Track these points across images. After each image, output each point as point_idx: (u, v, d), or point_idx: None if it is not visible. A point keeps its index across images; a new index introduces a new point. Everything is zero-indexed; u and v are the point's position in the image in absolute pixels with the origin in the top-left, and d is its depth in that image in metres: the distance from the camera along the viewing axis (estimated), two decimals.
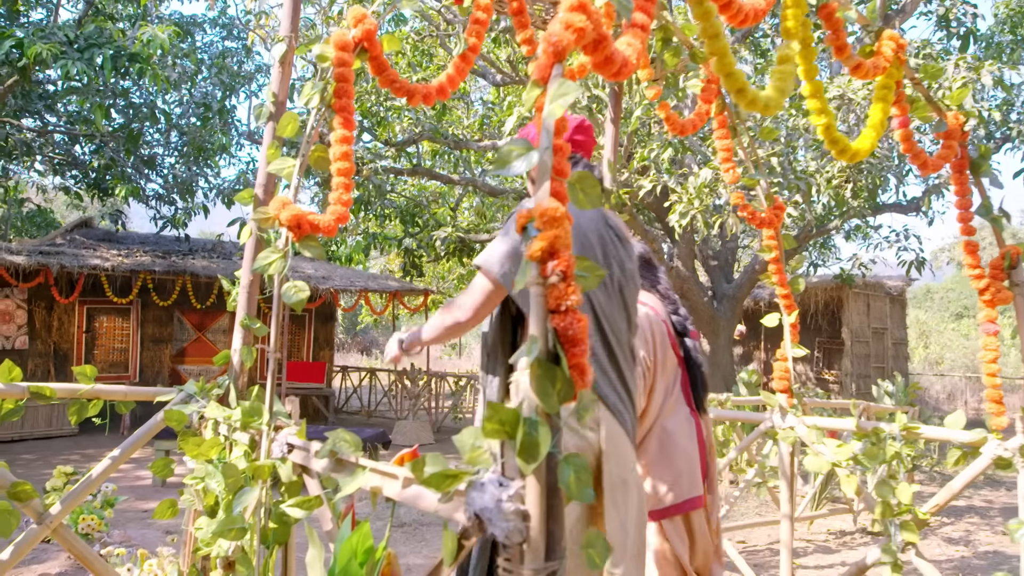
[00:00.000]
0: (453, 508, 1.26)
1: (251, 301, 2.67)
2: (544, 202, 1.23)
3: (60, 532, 2.35)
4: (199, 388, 2.56)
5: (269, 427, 1.87)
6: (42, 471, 7.59)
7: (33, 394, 2.32)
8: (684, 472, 2.41)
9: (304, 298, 1.87)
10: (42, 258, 9.76)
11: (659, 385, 2.47)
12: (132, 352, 11.35)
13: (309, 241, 1.95)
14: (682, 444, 2.44)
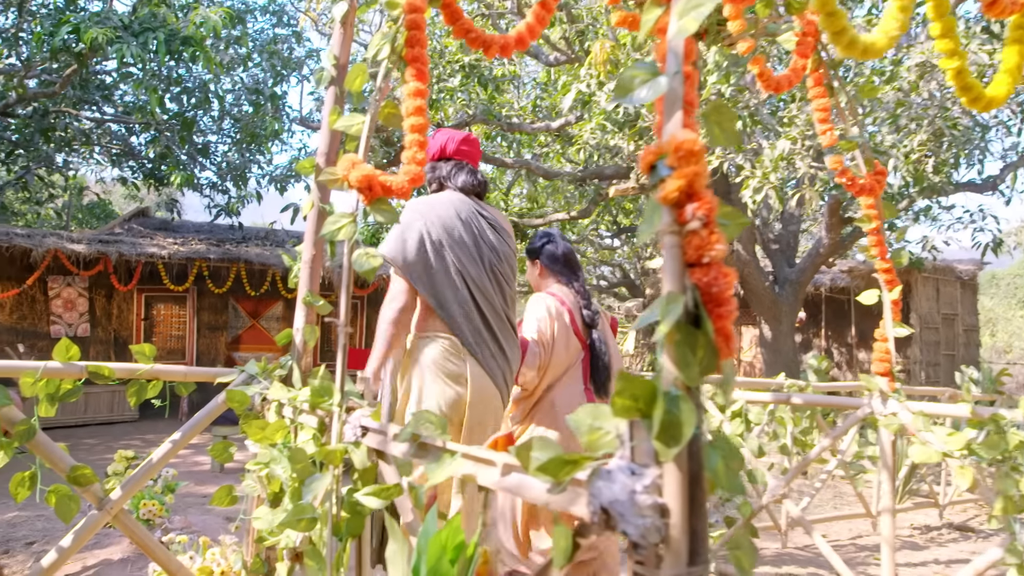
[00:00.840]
0: (568, 500, 1.07)
1: (314, 277, 2.52)
2: (678, 134, 1.02)
3: (121, 518, 2.23)
4: (261, 369, 2.42)
5: (340, 408, 1.70)
6: (104, 455, 7.67)
7: (91, 374, 2.20)
8: (566, 435, 2.82)
9: (376, 266, 1.69)
10: (101, 246, 9.89)
11: (555, 363, 2.90)
12: (189, 339, 11.47)
13: (381, 204, 1.77)
14: (568, 412, 2.71)
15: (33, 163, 11.56)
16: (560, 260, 3.07)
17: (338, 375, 1.73)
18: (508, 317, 2.63)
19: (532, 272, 3.15)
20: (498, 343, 2.55)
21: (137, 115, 9.75)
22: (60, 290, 10.52)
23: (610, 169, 9.32)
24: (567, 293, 3.03)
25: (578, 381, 2.94)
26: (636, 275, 20.29)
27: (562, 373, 2.92)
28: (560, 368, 2.92)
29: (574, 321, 2.95)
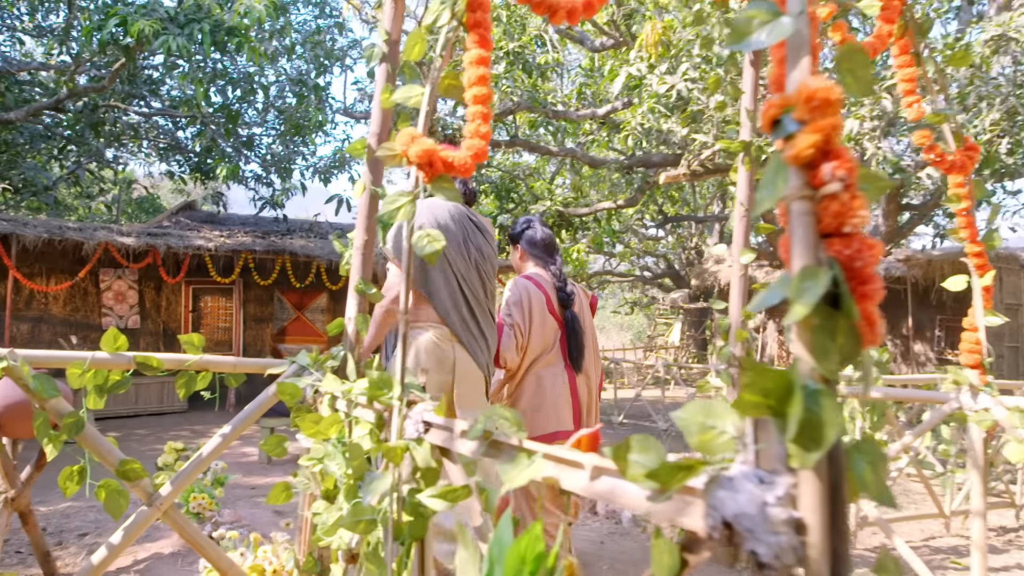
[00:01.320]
0: (675, 510, 0.92)
1: (366, 263, 2.41)
2: (809, 81, 0.86)
3: (171, 514, 2.15)
4: (313, 360, 2.31)
5: (401, 402, 1.58)
6: (154, 446, 7.74)
7: (139, 364, 2.12)
8: (551, 410, 3.05)
9: (439, 249, 1.57)
10: (150, 239, 9.99)
11: (534, 343, 3.11)
12: (235, 331, 11.56)
13: (442, 182, 1.64)
14: (552, 389, 3.09)
15: (84, 158, 11.75)
16: (539, 244, 3.30)
17: (398, 366, 1.61)
18: (489, 308, 2.99)
19: (514, 256, 3.39)
20: (480, 330, 2.91)
21: (183, 108, 9.81)
22: (111, 282, 10.68)
23: (657, 156, 9.10)
24: (544, 275, 3.23)
25: (559, 359, 3.18)
26: (681, 265, 19.95)
27: (542, 352, 3.15)
28: (539, 347, 3.14)
29: (550, 302, 3.16)
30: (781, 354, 16.62)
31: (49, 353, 2.07)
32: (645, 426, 9.96)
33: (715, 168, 7.04)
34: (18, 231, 9.05)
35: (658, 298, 21.62)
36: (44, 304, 10.24)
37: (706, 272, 17.42)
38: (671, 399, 11.00)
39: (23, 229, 9.12)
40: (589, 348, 3.28)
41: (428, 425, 1.56)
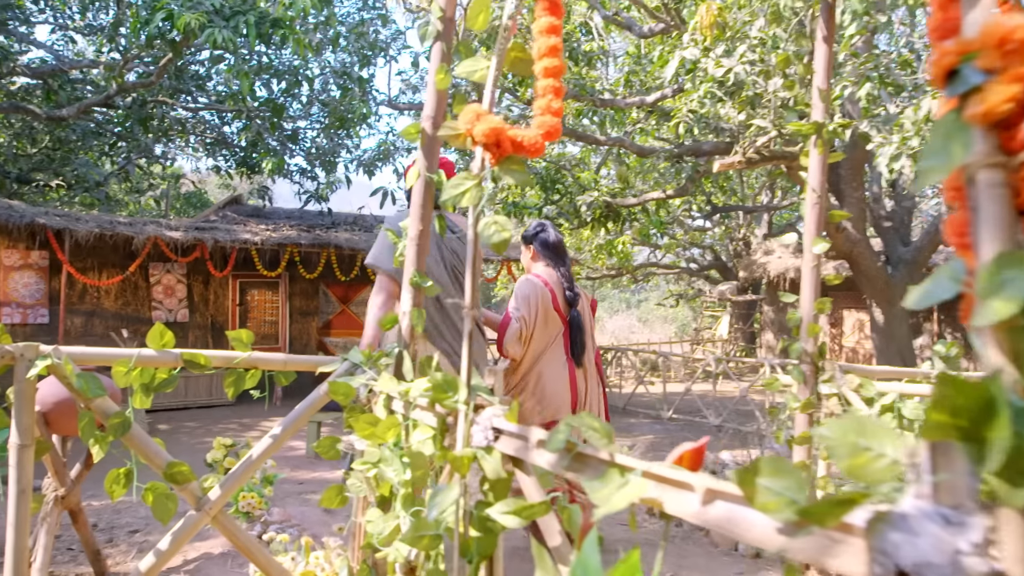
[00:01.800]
0: (819, 549, 0.76)
1: (421, 255, 2.28)
2: (1000, 20, 0.69)
3: (220, 520, 2.05)
4: (366, 356, 2.19)
5: (468, 406, 1.43)
6: (203, 439, 7.78)
7: (187, 362, 2.02)
8: (551, 401, 3.27)
9: (507, 239, 1.42)
10: (198, 233, 10.06)
11: (538, 337, 3.35)
12: (282, 324, 11.61)
13: (511, 164, 1.49)
14: (553, 381, 3.32)
15: (134, 153, 11.91)
16: (551, 247, 3.56)
17: (464, 367, 1.46)
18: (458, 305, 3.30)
19: (525, 255, 3.64)
20: (455, 328, 3.21)
21: (229, 103, 9.85)
22: (160, 276, 10.80)
23: (708, 145, 8.82)
24: (551, 274, 3.50)
25: (561, 353, 3.41)
26: (728, 257, 19.54)
27: (545, 347, 3.39)
28: (542, 342, 3.38)
29: (555, 299, 3.42)
30: (833, 348, 16.14)
31: (94, 351, 1.98)
32: (696, 422, 9.72)
33: (771, 155, 6.77)
34: (71, 226, 9.17)
35: (704, 290, 21.22)
36: (96, 298, 10.40)
37: (755, 264, 17.01)
38: (722, 393, 10.73)
39: (75, 224, 9.25)
40: (589, 345, 3.52)
41: (498, 432, 1.41)
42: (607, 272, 17.25)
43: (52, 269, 9.82)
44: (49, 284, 9.86)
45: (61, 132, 12.32)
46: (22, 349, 1.84)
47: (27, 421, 1.86)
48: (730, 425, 9.31)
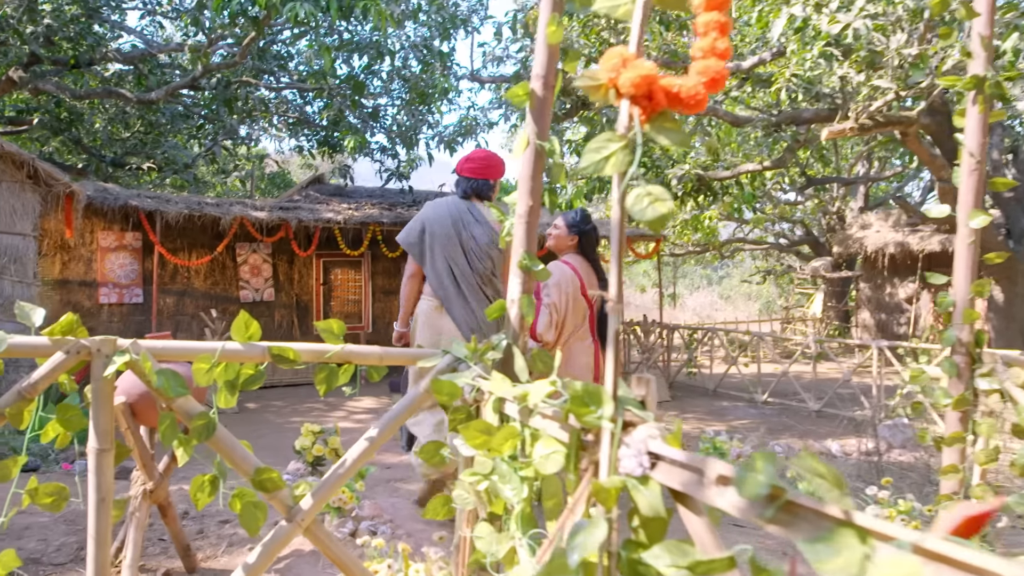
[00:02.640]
0: None
1: (531, 234, 2.01)
2: None
3: (314, 531, 1.85)
4: (471, 351, 1.94)
5: (616, 424, 1.16)
6: (290, 418, 7.80)
7: (275, 357, 1.81)
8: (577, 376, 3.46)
9: (666, 214, 1.12)
10: (282, 213, 10.10)
11: (568, 321, 3.67)
12: (364, 303, 11.62)
13: (665, 121, 1.19)
14: (578, 358, 3.70)
15: (220, 135, 12.07)
16: (593, 243, 3.93)
17: (609, 373, 1.18)
18: (480, 285, 3.69)
19: (564, 238, 3.89)
20: (467, 302, 3.64)
21: (311, 81, 9.79)
22: (247, 256, 10.93)
23: (809, 112, 8.23)
24: (580, 262, 3.85)
25: (588, 335, 3.77)
26: (821, 231, 18.60)
27: (574, 329, 3.71)
28: (572, 325, 3.70)
29: (583, 285, 3.76)
30: (936, 327, 15.16)
31: (175, 345, 1.79)
32: (792, 406, 9.21)
33: (886, 121, 6.20)
34: (162, 208, 9.32)
35: (795, 266, 20.31)
36: (187, 278, 10.60)
37: (850, 238, 16.09)
38: (822, 376, 10.14)
39: (166, 206, 9.39)
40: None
41: (656, 458, 1.13)
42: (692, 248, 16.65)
43: (145, 250, 10.04)
44: (142, 265, 10.09)
45: (151, 116, 12.60)
46: (99, 344, 1.66)
47: (105, 423, 1.68)
48: (831, 411, 8.77)
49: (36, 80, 9.45)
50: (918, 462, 5.68)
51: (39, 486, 1.67)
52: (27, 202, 6.53)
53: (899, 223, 15.75)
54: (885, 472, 5.48)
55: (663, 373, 10.40)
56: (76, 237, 9.51)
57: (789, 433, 7.70)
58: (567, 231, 3.91)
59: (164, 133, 12.96)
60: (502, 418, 1.75)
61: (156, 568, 2.88)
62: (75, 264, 9.68)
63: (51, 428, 1.71)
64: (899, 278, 16.03)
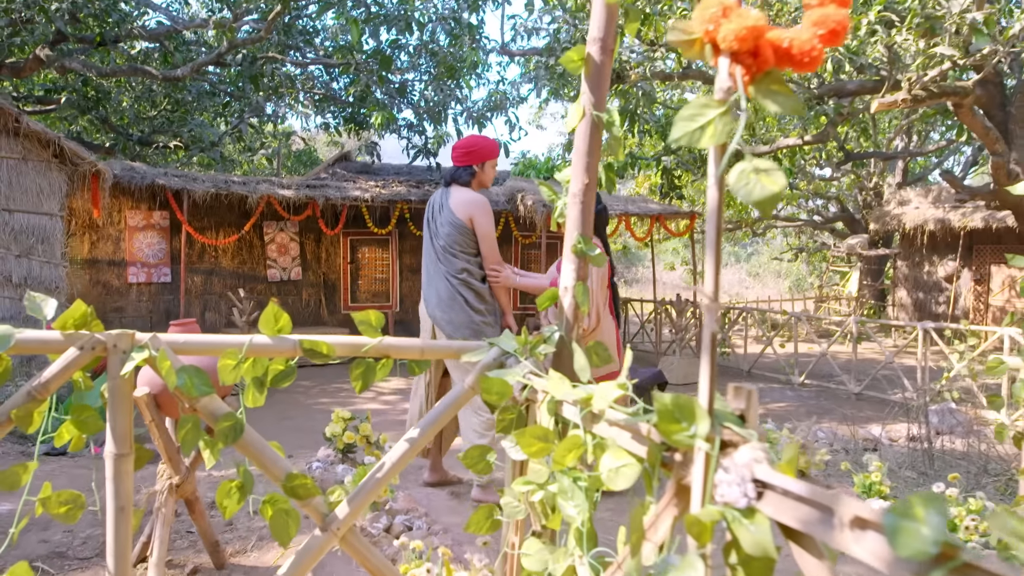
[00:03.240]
0: None
1: (586, 215, 1.83)
2: None
3: (350, 541, 1.70)
4: (521, 344, 1.76)
5: (713, 445, 0.97)
6: (319, 399, 7.73)
7: (307, 352, 1.65)
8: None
9: (778, 192, 0.93)
10: (309, 191, 9.97)
11: (600, 302, 3.85)
12: (392, 282, 11.50)
13: (772, 82, 0.99)
14: (608, 336, 3.89)
15: (246, 112, 11.95)
16: (604, 223, 3.99)
17: (704, 383, 1.00)
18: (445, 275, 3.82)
19: None
20: (431, 287, 3.86)
21: (337, 56, 9.60)
22: (274, 235, 10.84)
23: (853, 84, 7.88)
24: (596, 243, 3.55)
25: (608, 314, 3.89)
26: (856, 208, 18.11)
27: (603, 307, 3.88)
28: (603, 305, 3.88)
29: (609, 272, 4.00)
30: (978, 307, 14.72)
31: (197, 339, 1.63)
32: (831, 388, 8.95)
33: (941, 92, 5.87)
34: (188, 186, 9.24)
35: (828, 244, 19.84)
36: (215, 257, 10.54)
37: (888, 215, 15.63)
38: (861, 357, 9.84)
39: (192, 184, 9.31)
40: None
41: (763, 487, 0.95)
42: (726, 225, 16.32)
43: (172, 229, 9.98)
44: (170, 244, 10.04)
45: (178, 94, 12.51)
46: (115, 338, 1.51)
47: (123, 425, 1.54)
48: (871, 393, 8.50)
49: (62, 58, 9.37)
50: (971, 450, 5.42)
51: (52, 495, 1.53)
52: (53, 181, 6.45)
53: (939, 199, 15.25)
54: (936, 461, 5.25)
55: (695, 353, 10.17)
56: (104, 216, 9.47)
57: (830, 417, 7.47)
58: None
59: (190, 111, 12.87)
60: (558, 420, 1.58)
61: (184, 564, 2.76)
62: (103, 243, 9.65)
63: (65, 430, 1.57)
64: (938, 256, 15.57)
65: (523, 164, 12.95)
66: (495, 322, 3.84)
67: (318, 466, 3.96)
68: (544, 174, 12.51)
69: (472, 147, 3.84)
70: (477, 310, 3.79)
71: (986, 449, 5.36)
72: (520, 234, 11.32)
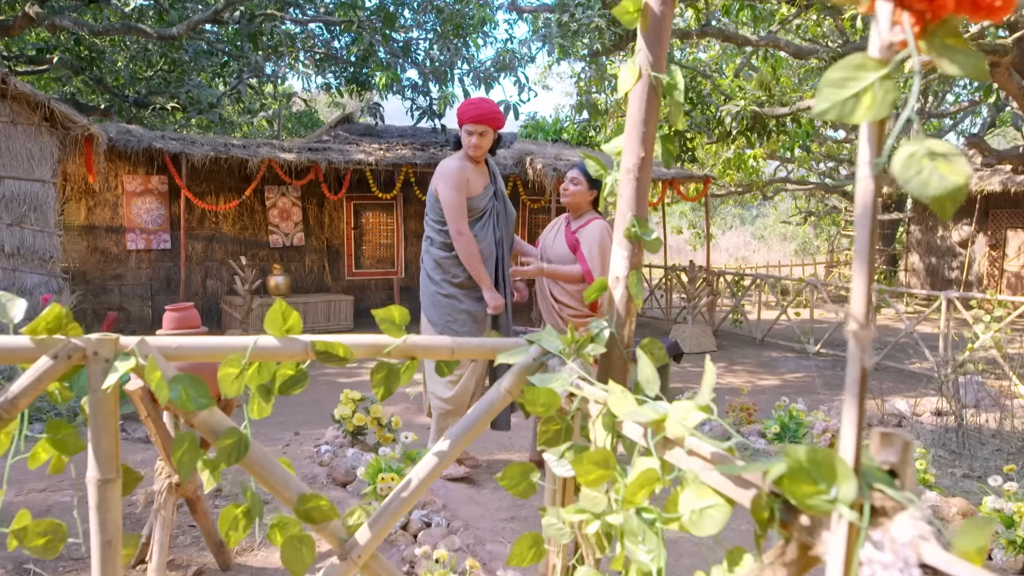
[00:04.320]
0: None
1: (641, 193, 1.58)
2: None
3: (372, 568, 1.49)
4: (567, 343, 1.54)
5: (862, 514, 0.75)
6: (323, 370, 7.53)
7: (320, 355, 1.43)
8: None
9: (963, 184, 0.69)
10: (311, 155, 9.67)
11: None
12: (397, 248, 11.25)
13: (947, 35, 0.74)
14: None
15: (245, 72, 11.57)
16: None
17: (847, 436, 0.76)
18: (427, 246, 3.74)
19: (584, 194, 3.72)
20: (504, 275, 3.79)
21: (339, 12, 9.22)
22: (276, 199, 10.56)
23: None
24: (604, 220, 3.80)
25: None
26: None
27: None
28: None
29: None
30: (992, 273, 14.46)
31: (192, 343, 1.40)
32: (847, 357, 8.74)
33: (980, 50, 5.54)
34: (187, 150, 8.94)
35: (839, 207, 19.52)
36: (215, 223, 10.28)
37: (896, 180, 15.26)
38: (878, 324, 9.63)
39: (191, 148, 9.01)
40: None
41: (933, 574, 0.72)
42: (735, 188, 15.97)
43: (171, 194, 9.71)
44: (169, 209, 9.77)
45: (174, 53, 12.11)
46: (95, 344, 1.28)
47: (108, 446, 1.31)
48: (889, 364, 8.30)
49: (53, 16, 9.00)
50: (1001, 428, 5.22)
51: (30, 524, 1.31)
52: (44, 146, 6.17)
53: None
54: (967, 439, 5.06)
55: (708, 321, 9.96)
56: (100, 181, 9.19)
57: None
58: (588, 185, 3.72)
59: (188, 71, 12.48)
60: (614, 434, 1.36)
61: (187, 564, 2.57)
62: (101, 209, 9.38)
63: (40, 450, 1.34)
64: (953, 220, 15.25)
65: (530, 126, 12.59)
66: (466, 296, 3.57)
67: (327, 450, 3.76)
68: (552, 136, 12.15)
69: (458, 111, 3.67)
70: (433, 280, 3.62)
71: (1020, 427, 5.17)
72: (528, 199, 11.03)
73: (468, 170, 3.59)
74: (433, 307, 3.59)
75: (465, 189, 3.55)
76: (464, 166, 3.59)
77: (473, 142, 3.55)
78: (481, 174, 3.67)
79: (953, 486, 3.85)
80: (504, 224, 3.76)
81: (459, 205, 3.51)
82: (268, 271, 10.16)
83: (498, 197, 3.76)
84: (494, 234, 3.69)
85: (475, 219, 3.61)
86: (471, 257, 3.51)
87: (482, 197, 3.64)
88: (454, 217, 3.50)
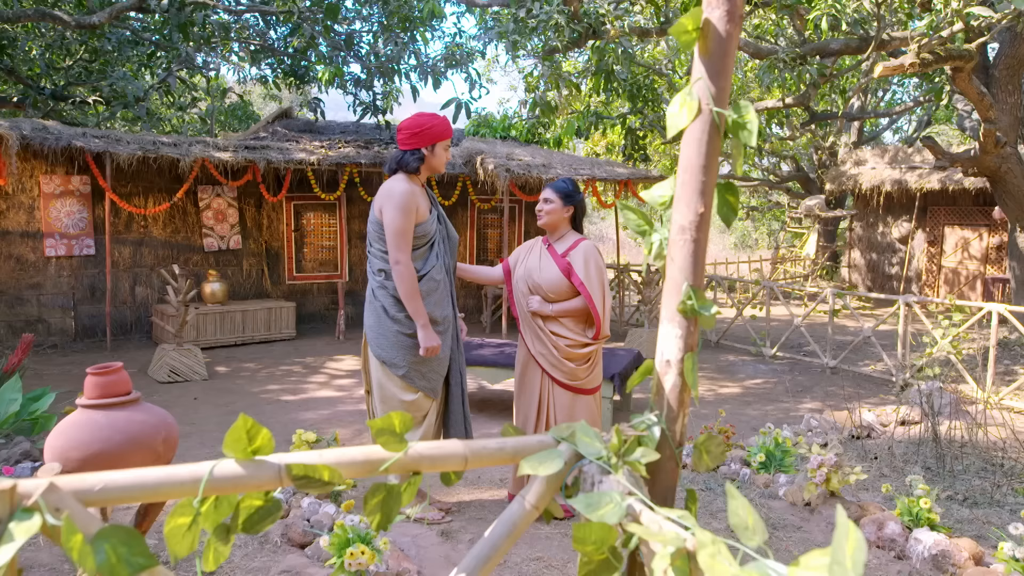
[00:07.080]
0: None
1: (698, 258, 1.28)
2: None
3: None
4: (612, 451, 1.22)
5: None
6: (266, 385, 7.05)
7: (299, 482, 1.07)
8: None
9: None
10: (248, 153, 9.10)
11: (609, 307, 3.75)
12: (340, 250, 10.75)
13: None
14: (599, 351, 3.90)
15: (174, 64, 10.87)
16: (583, 208, 3.66)
17: None
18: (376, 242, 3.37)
19: (560, 212, 3.55)
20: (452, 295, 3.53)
21: (277, 2, 8.67)
22: (210, 201, 9.94)
23: (837, 43, 7.45)
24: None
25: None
26: (811, 167, 17.96)
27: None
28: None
29: None
30: (931, 269, 14.77)
31: (117, 478, 1.02)
32: (805, 361, 8.69)
33: (948, 55, 5.45)
34: (111, 148, 8.28)
35: (782, 203, 19.75)
36: (144, 226, 9.60)
37: (844, 175, 15.48)
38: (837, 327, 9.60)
39: (116, 146, 8.35)
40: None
41: None
42: None
43: (95, 196, 9.00)
44: (93, 212, 9.07)
45: (96, 42, 11.31)
46: None
47: None
48: (847, 368, 8.26)
49: None
50: (975, 439, 5.14)
51: None
52: None
53: (896, 159, 15.14)
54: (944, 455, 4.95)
55: None
56: (13, 183, 8.44)
57: (810, 396, 7.18)
58: (562, 203, 3.55)
59: (111, 62, 11.69)
60: None
61: None
62: (15, 213, 8.62)
63: None
64: (893, 217, 15.53)
65: (476, 122, 12.22)
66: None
67: (280, 496, 3.36)
68: (501, 133, 11.81)
69: (420, 127, 3.28)
70: (394, 318, 3.29)
71: (993, 439, 5.11)
72: (478, 199, 10.68)
73: (417, 193, 3.28)
74: (394, 348, 3.26)
75: (414, 214, 3.22)
76: (414, 189, 3.27)
77: (448, 158, 3.29)
78: (424, 197, 3.36)
79: (946, 515, 3.69)
80: (450, 250, 3.48)
81: (405, 231, 3.20)
82: (203, 277, 9.56)
83: (441, 221, 3.47)
84: (444, 262, 3.39)
85: (425, 246, 3.31)
86: (411, 289, 3.20)
87: (431, 222, 3.34)
88: (397, 243, 3.19)
